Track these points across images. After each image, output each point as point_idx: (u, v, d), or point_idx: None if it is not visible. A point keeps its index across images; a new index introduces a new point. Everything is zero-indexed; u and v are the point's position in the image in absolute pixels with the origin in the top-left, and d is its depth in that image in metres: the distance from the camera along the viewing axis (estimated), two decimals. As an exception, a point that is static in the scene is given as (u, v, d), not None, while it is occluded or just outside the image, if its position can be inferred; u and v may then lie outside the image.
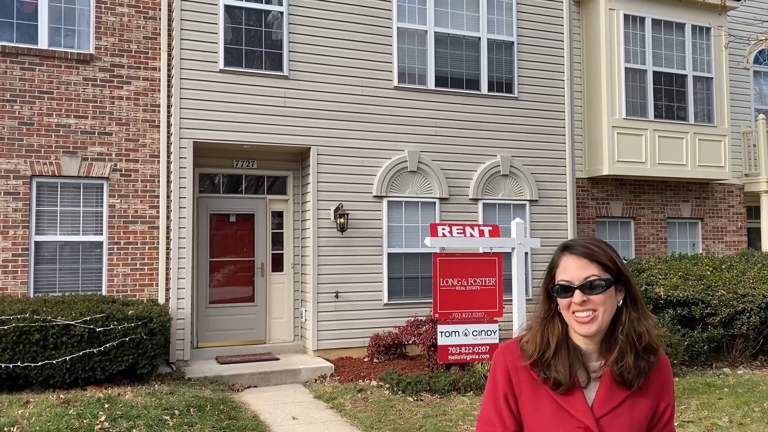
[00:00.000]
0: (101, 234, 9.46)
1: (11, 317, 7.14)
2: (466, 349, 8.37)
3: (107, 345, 7.42)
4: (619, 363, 1.78)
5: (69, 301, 7.86)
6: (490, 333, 8.43)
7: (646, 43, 12.26)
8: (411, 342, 9.21)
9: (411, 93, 10.37)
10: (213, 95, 9.29)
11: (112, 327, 7.47)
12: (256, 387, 8.34)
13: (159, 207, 9.69)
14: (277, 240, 10.39)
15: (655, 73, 12.31)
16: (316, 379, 8.65)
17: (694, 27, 12.70)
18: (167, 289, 9.32)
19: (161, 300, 9.43)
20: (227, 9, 9.42)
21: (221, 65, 9.33)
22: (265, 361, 9.12)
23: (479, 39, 10.80)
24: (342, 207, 9.73)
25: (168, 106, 9.72)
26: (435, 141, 10.46)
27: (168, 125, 9.70)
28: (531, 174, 11.05)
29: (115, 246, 9.47)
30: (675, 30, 12.56)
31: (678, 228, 13.44)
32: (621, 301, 1.82)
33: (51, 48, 9.32)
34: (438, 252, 9.46)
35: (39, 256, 9.14)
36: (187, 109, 9.17)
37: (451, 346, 8.32)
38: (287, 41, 9.71)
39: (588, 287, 1.77)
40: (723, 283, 9.44)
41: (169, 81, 9.72)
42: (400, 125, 10.27)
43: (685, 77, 12.59)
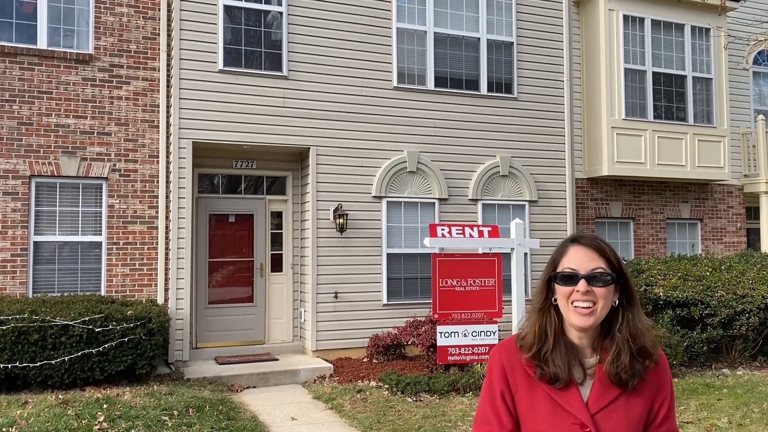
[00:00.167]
0: (100, 234, 9.46)
1: (10, 317, 7.13)
2: (465, 350, 8.36)
3: (106, 345, 7.41)
4: (616, 362, 1.80)
5: (68, 302, 7.85)
6: (489, 334, 8.43)
7: (645, 44, 12.26)
8: (410, 342, 9.20)
9: (410, 93, 10.37)
10: (212, 95, 9.29)
11: (111, 327, 7.46)
12: (255, 387, 8.34)
13: (158, 207, 9.69)
14: (277, 240, 10.39)
15: (655, 74, 12.31)
16: (315, 380, 8.65)
17: (693, 28, 12.70)
18: (166, 290, 9.31)
19: (160, 300, 9.42)
20: (226, 9, 9.42)
21: (220, 65, 9.33)
22: (264, 362, 9.12)
23: (478, 39, 10.80)
24: (341, 207, 9.73)
25: (167, 106, 9.71)
26: (434, 141, 10.45)
27: (167, 125, 9.70)
28: (530, 174, 11.04)
29: (114, 246, 9.46)
30: (674, 31, 12.56)
31: (677, 229, 13.44)
32: (617, 301, 1.85)
33: (50, 48, 9.31)
34: (437, 252, 9.46)
35: (38, 256, 9.13)
36: (187, 110, 9.16)
37: (451, 346, 8.32)
38: (286, 41, 9.70)
39: (594, 278, 1.79)
40: (722, 284, 9.44)
41: (169, 81, 9.72)
42: (399, 125, 10.27)
43: (685, 78, 12.59)
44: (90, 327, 7.36)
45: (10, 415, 6.03)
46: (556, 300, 1.86)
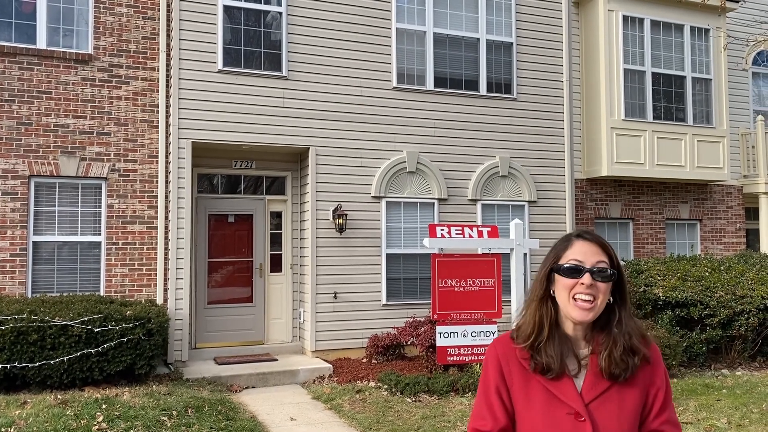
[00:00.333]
0: (99, 234, 9.45)
1: (9, 317, 7.12)
2: (464, 350, 8.36)
3: (105, 345, 7.41)
4: (609, 357, 1.85)
5: (67, 302, 7.84)
6: (488, 334, 8.42)
7: (645, 45, 12.27)
8: (409, 343, 9.20)
9: (410, 94, 10.37)
10: (212, 95, 9.28)
11: (110, 327, 7.46)
12: (254, 388, 8.33)
13: (157, 207, 9.68)
14: (276, 240, 10.38)
15: (654, 75, 12.31)
16: (314, 380, 8.64)
17: (693, 28, 12.70)
18: (165, 290, 9.31)
19: (159, 300, 9.42)
20: (226, 9, 9.42)
21: (220, 65, 9.33)
22: (264, 362, 9.11)
23: (478, 40, 10.80)
24: (341, 207, 9.73)
25: (167, 106, 9.71)
26: (434, 142, 10.46)
27: (167, 125, 9.70)
28: (530, 175, 11.05)
29: (114, 246, 9.46)
30: (674, 31, 12.56)
31: (677, 229, 13.44)
32: (611, 298, 1.90)
33: (49, 48, 9.31)
34: (437, 253, 9.45)
35: (37, 256, 9.13)
36: (186, 110, 9.16)
37: (450, 347, 8.31)
38: (286, 42, 9.70)
39: (598, 272, 1.84)
40: (721, 285, 9.44)
41: (168, 81, 9.72)
42: (398, 126, 10.27)
43: (684, 78, 12.60)
44: (89, 327, 7.36)
45: (8, 416, 6.02)
46: (553, 292, 1.90)
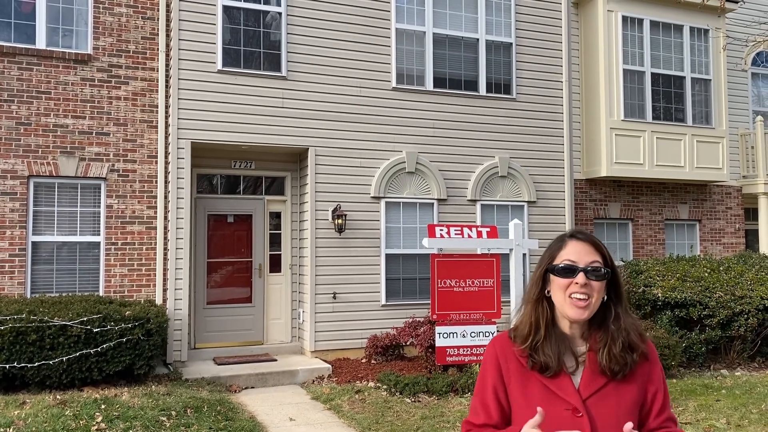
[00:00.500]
0: (99, 234, 9.45)
1: (8, 318, 7.12)
2: (464, 351, 8.36)
3: (104, 346, 7.40)
4: (608, 354, 1.87)
5: (66, 302, 7.84)
6: (488, 334, 8.42)
7: (644, 45, 12.27)
8: (409, 343, 9.20)
9: (409, 94, 10.37)
10: (211, 96, 9.28)
11: (109, 328, 7.45)
12: (253, 388, 8.33)
13: (157, 207, 9.68)
14: (275, 241, 10.38)
15: (654, 75, 12.32)
16: (313, 380, 8.64)
17: (692, 29, 12.71)
18: (165, 290, 9.30)
19: (158, 301, 9.41)
20: (225, 9, 9.41)
21: (219, 66, 9.33)
22: (263, 362, 9.11)
23: (477, 40, 10.80)
24: (340, 208, 9.73)
25: (166, 106, 9.70)
26: (433, 142, 10.46)
27: (166, 126, 9.69)
28: (529, 175, 11.05)
29: (113, 246, 9.45)
30: (673, 32, 12.57)
31: (676, 229, 13.44)
32: (606, 297, 1.93)
33: (49, 48, 9.30)
34: (436, 253, 9.45)
35: (36, 256, 9.12)
36: (185, 110, 9.16)
37: (449, 347, 8.31)
38: (285, 42, 9.70)
39: (592, 272, 1.87)
40: (721, 285, 9.45)
41: (167, 81, 9.71)
42: (398, 126, 10.27)
43: (684, 79, 12.60)
44: (88, 327, 7.35)
45: (7, 416, 6.02)
46: (549, 292, 1.93)
